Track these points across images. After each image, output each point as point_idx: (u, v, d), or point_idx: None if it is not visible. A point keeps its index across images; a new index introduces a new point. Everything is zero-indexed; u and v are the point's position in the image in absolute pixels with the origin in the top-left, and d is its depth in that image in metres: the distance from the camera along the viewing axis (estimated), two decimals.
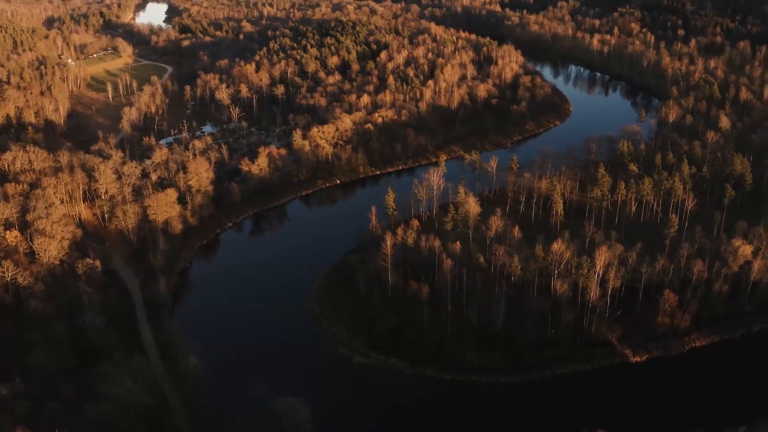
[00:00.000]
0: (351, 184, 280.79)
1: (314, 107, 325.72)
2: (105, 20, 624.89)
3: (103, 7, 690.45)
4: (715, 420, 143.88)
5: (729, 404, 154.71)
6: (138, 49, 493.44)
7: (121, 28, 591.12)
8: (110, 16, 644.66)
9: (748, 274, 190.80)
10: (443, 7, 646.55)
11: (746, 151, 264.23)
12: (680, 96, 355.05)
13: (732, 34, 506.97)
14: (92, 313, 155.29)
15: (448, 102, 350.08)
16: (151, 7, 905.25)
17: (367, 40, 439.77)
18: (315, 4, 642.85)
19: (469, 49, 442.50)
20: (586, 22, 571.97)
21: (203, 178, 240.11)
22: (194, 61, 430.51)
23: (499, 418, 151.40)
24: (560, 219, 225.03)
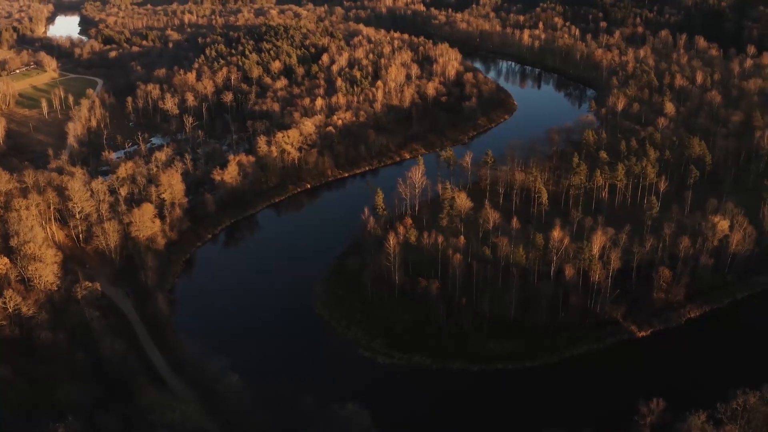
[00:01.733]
0: (321, 188, 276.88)
1: (268, 113, 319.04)
2: (19, 35, 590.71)
3: (14, 22, 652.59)
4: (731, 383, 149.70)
5: (740, 366, 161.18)
6: (61, 63, 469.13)
7: (38, 42, 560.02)
8: (24, 30, 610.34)
9: (727, 246, 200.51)
10: (367, 9, 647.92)
11: (694, 134, 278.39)
12: (620, 85, 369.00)
13: (651, 24, 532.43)
14: (110, 339, 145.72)
15: (400, 101, 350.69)
16: (61, 20, 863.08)
17: (303, 44, 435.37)
18: (236, 10, 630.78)
19: (407, 49, 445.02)
20: (510, 18, 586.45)
21: (177, 190, 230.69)
22: (126, 73, 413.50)
23: (533, 402, 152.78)
24: (545, 208, 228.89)
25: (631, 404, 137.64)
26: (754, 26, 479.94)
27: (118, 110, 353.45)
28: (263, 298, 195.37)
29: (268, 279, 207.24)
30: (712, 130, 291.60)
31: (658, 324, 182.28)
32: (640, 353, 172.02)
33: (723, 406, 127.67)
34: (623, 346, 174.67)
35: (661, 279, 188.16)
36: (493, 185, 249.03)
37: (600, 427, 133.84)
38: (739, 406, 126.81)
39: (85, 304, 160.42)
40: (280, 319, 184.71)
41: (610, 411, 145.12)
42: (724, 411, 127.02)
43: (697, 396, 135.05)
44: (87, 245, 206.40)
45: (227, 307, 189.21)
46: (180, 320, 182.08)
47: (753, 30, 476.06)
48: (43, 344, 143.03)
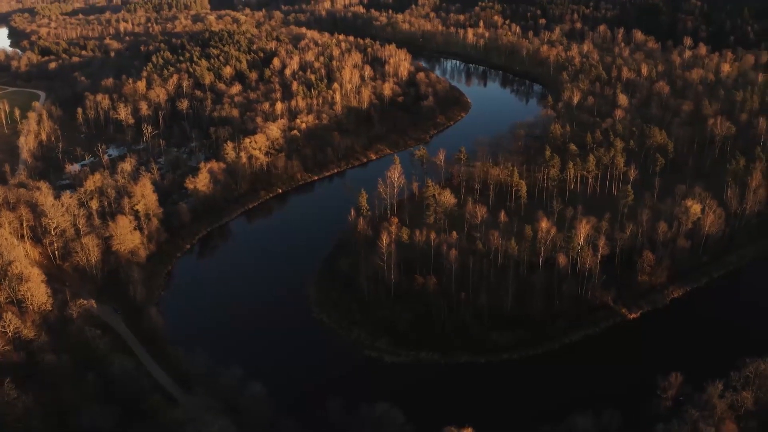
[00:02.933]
0: (292, 192, 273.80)
1: (228, 119, 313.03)
2: None
3: None
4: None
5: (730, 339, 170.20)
6: None
7: None
8: None
9: (699, 229, 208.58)
10: (306, 12, 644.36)
11: (649, 124, 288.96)
12: (571, 80, 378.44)
13: (589, 20, 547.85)
14: (118, 358, 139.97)
15: (358, 103, 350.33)
16: None
17: (251, 49, 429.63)
18: (173, 17, 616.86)
19: (355, 51, 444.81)
20: (450, 18, 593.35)
21: (150, 201, 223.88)
22: (70, 84, 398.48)
23: (550, 388, 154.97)
24: (524, 201, 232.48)
25: (642, 381, 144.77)
26: (688, 18, 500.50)
27: (67, 122, 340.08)
28: (255, 305, 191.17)
29: (256, 286, 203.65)
30: (666, 120, 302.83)
31: (645, 305, 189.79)
32: (635, 334, 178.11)
33: (736, 374, 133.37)
34: (617, 329, 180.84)
35: (645, 263, 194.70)
36: (467, 181, 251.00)
37: (621, 405, 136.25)
38: (751, 373, 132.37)
39: (83, 323, 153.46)
40: (278, 326, 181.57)
41: (626, 389, 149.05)
42: (738, 379, 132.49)
43: (703, 368, 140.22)
44: (64, 262, 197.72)
45: (220, 318, 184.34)
46: (173, 333, 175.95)
47: (687, 22, 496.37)
48: (48, 368, 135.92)
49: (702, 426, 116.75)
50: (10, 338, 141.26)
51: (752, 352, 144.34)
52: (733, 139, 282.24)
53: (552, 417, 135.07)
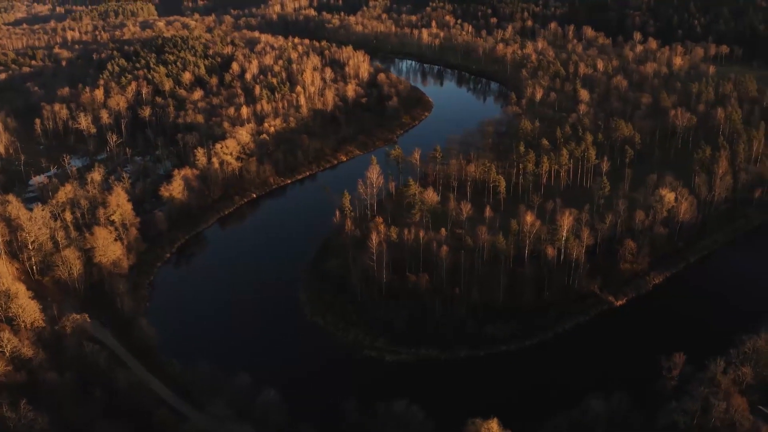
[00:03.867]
0: (266, 197, 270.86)
1: (193, 125, 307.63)
2: None
3: None
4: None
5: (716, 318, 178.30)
6: None
7: None
8: None
9: (674, 216, 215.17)
10: (257, 16, 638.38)
11: (612, 117, 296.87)
12: (530, 77, 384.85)
13: (539, 18, 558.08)
14: (124, 372, 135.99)
15: (323, 105, 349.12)
16: None
17: (207, 54, 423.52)
18: (120, 24, 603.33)
19: (313, 54, 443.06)
20: (403, 19, 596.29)
21: (126, 210, 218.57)
22: (22, 95, 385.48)
23: (548, 376, 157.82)
24: (503, 196, 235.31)
25: (643, 364, 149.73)
26: (635, 14, 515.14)
27: (23, 134, 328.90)
28: (245, 312, 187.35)
29: (243, 292, 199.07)
30: (627, 113, 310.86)
31: (630, 292, 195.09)
32: (625, 320, 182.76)
33: (735, 351, 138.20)
34: (606, 316, 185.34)
35: (627, 251, 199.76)
36: (445, 179, 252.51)
37: (626, 387, 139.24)
38: (749, 349, 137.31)
39: (78, 338, 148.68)
40: (272, 332, 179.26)
41: (628, 372, 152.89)
42: (737, 355, 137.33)
43: (694, 348, 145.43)
44: (43, 277, 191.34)
45: (212, 327, 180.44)
46: (166, 345, 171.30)
47: (635, 18, 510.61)
48: (51, 386, 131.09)
49: (713, 401, 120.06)
50: (8, 358, 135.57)
51: (736, 328, 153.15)
52: (694, 129, 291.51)
53: (563, 403, 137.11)
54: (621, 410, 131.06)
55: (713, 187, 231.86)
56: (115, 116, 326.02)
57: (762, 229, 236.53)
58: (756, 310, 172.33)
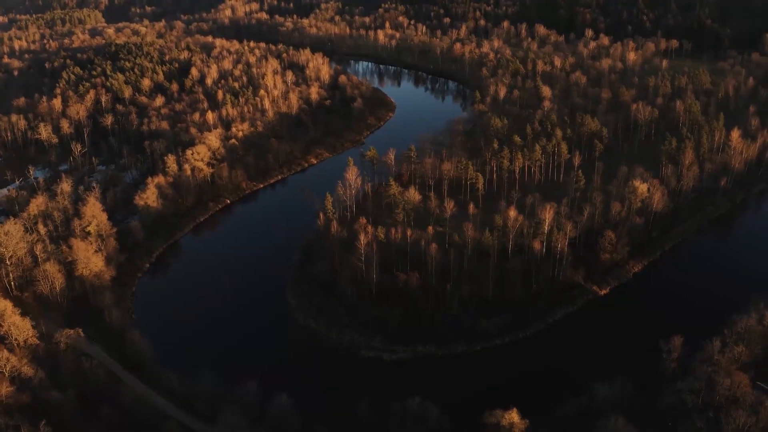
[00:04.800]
0: (240, 202, 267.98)
1: (159, 132, 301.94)
2: None
3: None
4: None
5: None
6: None
7: None
8: None
9: (647, 206, 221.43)
10: (209, 21, 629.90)
11: (575, 112, 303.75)
12: (491, 75, 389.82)
13: (491, 17, 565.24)
14: (129, 386, 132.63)
15: (288, 108, 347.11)
16: None
17: (163, 60, 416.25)
18: (68, 32, 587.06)
19: (271, 57, 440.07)
20: (356, 21, 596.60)
21: (102, 221, 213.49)
22: None
23: (543, 366, 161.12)
24: (481, 193, 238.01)
25: (636, 348, 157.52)
26: (586, 11, 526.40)
27: None
28: (235, 320, 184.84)
29: (230, 299, 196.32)
30: (589, 108, 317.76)
31: (612, 281, 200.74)
32: (610, 308, 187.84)
33: (729, 331, 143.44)
34: (592, 305, 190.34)
35: (606, 241, 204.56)
36: (421, 178, 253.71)
37: (627, 371, 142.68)
38: (742, 329, 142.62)
39: (74, 353, 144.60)
40: (265, 337, 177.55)
41: (627, 357, 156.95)
42: (731, 335, 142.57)
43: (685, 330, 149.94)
44: (23, 293, 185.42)
45: (202, 337, 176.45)
46: (157, 357, 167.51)
47: (586, 15, 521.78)
48: (56, 405, 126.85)
49: (718, 378, 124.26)
50: (7, 377, 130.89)
51: (715, 310, 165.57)
52: (655, 122, 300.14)
53: (569, 391, 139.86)
54: (626, 394, 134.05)
55: (681, 177, 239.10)
56: (76, 125, 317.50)
57: (728, 216, 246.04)
58: (731, 292, 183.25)
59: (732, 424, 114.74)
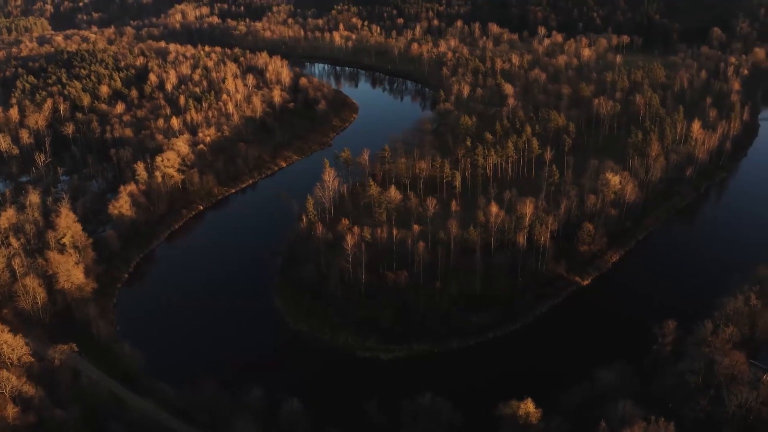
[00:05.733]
0: (213, 208, 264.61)
1: (123, 139, 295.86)
2: None
3: None
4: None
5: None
6: None
7: None
8: None
9: (620, 198, 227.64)
10: (159, 26, 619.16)
11: (539, 108, 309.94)
12: (452, 74, 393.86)
13: (444, 17, 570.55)
14: (141, 402, 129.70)
15: (252, 112, 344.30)
16: None
17: (118, 66, 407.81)
18: (15, 41, 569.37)
19: (229, 61, 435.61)
20: (309, 23, 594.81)
21: (76, 232, 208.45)
22: None
23: (540, 357, 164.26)
24: (458, 190, 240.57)
25: (628, 334, 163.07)
26: (537, 9, 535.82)
27: None
28: (224, 326, 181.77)
29: (215, 307, 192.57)
30: (551, 104, 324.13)
31: (592, 272, 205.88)
32: (594, 297, 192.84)
33: (720, 314, 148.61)
34: (577, 296, 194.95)
35: (585, 233, 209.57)
36: (395, 177, 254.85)
37: (626, 356, 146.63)
38: (731, 311, 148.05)
39: (69, 370, 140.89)
40: (259, 343, 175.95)
41: (621, 343, 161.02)
42: (721, 317, 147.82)
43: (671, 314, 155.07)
44: (2, 309, 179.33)
45: (192, 348, 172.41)
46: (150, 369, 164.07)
47: (537, 13, 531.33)
48: (61, 424, 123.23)
49: (717, 358, 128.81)
50: (8, 397, 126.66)
51: (694, 294, 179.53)
52: (618, 116, 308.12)
53: (569, 379, 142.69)
54: (626, 378, 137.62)
55: (649, 169, 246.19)
56: (36, 135, 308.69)
57: (694, 204, 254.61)
58: (705, 276, 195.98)
59: (735, 399, 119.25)
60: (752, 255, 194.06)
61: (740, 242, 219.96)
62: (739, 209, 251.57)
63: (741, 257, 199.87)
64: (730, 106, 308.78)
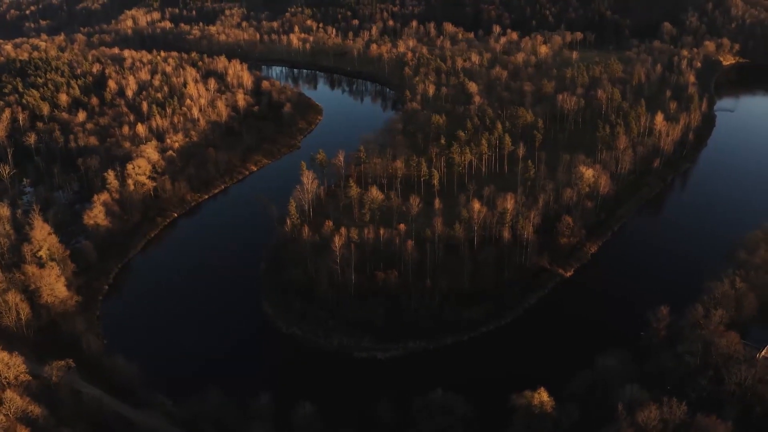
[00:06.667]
0: (187, 215, 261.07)
1: (89, 148, 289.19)
2: None
3: None
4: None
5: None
6: None
7: None
8: None
9: (594, 191, 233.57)
10: (110, 32, 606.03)
11: (504, 105, 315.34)
12: (414, 74, 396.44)
13: (399, 17, 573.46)
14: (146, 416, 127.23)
15: (217, 116, 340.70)
16: None
17: (75, 74, 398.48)
18: None
19: (188, 66, 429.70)
20: (264, 26, 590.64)
21: (53, 244, 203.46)
22: None
23: (531, 349, 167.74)
24: (437, 188, 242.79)
25: (620, 321, 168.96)
26: (490, 8, 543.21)
27: None
28: (214, 335, 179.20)
29: (201, 314, 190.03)
30: (516, 101, 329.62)
31: (574, 263, 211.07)
32: (579, 288, 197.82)
33: (708, 298, 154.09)
34: (562, 287, 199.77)
35: (564, 226, 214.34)
36: (372, 177, 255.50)
37: (617, 343, 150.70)
38: (719, 295, 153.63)
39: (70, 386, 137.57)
40: (253, 350, 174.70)
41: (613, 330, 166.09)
42: (709, 301, 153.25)
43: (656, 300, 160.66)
44: None
45: (185, 357, 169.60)
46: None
47: (491, 12, 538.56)
48: None
49: (715, 339, 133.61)
50: (14, 419, 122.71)
51: (674, 279, 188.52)
52: (582, 111, 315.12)
53: (568, 367, 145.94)
54: (626, 363, 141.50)
55: (619, 162, 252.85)
56: None
57: (661, 195, 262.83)
58: (681, 263, 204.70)
59: (734, 378, 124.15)
60: (721, 241, 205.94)
61: (706, 231, 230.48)
62: (704, 198, 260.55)
63: (709, 245, 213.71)
64: (689, 98, 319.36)
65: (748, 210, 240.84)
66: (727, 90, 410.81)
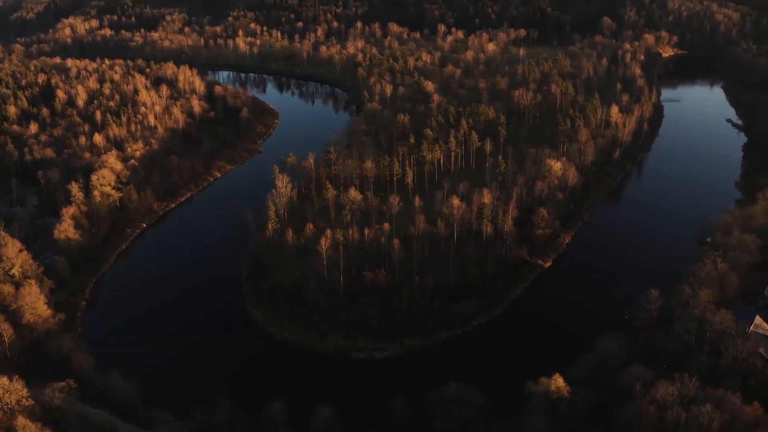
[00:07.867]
0: (157, 224, 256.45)
1: (46, 161, 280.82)
2: None
3: None
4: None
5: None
6: None
7: None
8: None
9: (562, 183, 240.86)
10: (49, 42, 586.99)
11: (463, 103, 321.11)
12: (369, 75, 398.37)
13: (342, 18, 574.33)
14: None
15: (174, 123, 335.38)
16: None
17: (19, 85, 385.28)
18: None
19: (137, 73, 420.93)
20: (207, 31, 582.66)
21: (25, 261, 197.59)
22: None
23: (526, 338, 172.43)
24: (411, 186, 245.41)
25: (598, 307, 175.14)
26: (434, 8, 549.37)
27: None
28: (204, 346, 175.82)
29: (188, 325, 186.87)
30: (473, 98, 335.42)
31: (552, 253, 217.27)
32: (560, 277, 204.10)
33: (694, 278, 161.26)
34: (543, 277, 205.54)
35: (540, 218, 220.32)
36: (344, 178, 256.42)
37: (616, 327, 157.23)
38: (704, 276, 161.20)
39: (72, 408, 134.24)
40: (247, 358, 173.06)
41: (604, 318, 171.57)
42: (695, 282, 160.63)
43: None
44: None
45: (178, 372, 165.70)
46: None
47: (434, 11, 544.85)
48: None
49: (708, 317, 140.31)
50: None
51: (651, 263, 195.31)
52: (539, 106, 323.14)
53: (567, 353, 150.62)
54: (624, 345, 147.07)
55: (583, 154, 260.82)
56: None
57: (621, 184, 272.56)
58: (653, 248, 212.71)
59: (732, 352, 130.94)
60: (684, 225, 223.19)
61: (670, 215, 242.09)
62: (662, 185, 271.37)
63: (674, 228, 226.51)
64: (639, 90, 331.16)
65: (704, 193, 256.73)
66: (667, 81, 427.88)
